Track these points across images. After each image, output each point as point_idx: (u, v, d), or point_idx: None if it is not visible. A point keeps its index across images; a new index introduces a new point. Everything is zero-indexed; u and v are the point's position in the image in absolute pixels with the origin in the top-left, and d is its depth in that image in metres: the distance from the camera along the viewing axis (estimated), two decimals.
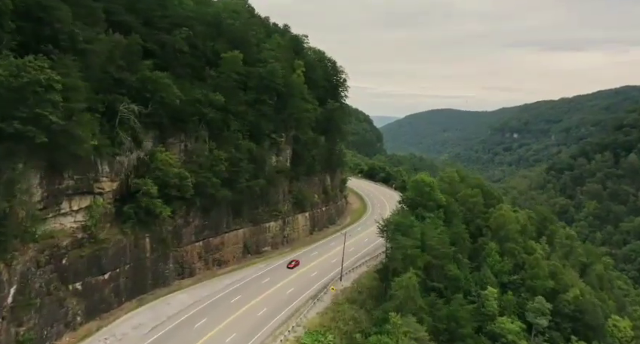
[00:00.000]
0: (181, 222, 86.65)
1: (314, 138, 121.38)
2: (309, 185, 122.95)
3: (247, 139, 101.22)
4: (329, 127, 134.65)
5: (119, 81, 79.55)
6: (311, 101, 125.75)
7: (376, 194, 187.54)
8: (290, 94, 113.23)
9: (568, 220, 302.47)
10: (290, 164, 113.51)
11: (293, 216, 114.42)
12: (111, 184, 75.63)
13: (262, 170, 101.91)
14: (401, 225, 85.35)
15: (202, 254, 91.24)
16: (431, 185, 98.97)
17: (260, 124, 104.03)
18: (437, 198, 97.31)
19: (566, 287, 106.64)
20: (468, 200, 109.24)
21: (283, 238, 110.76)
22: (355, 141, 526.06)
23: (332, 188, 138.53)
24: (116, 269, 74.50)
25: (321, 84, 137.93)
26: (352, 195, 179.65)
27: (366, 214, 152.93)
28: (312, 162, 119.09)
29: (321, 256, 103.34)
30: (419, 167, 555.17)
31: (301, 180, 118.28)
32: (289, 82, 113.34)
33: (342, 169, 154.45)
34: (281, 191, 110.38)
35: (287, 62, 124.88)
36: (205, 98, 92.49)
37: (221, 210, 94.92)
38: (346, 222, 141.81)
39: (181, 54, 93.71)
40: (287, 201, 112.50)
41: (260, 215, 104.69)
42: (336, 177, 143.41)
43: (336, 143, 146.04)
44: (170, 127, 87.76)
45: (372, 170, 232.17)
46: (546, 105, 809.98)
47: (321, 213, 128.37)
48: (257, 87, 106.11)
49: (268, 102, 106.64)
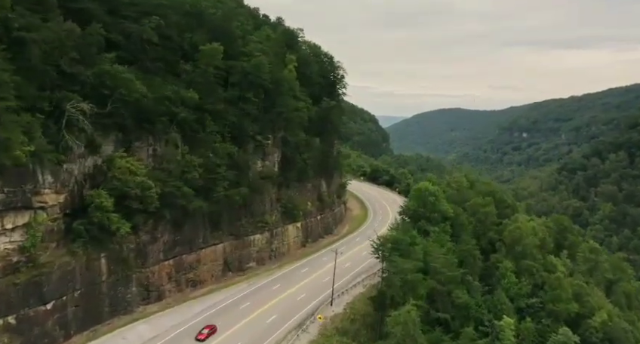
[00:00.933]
0: (146, 238, 75.11)
1: (306, 140, 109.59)
2: (301, 192, 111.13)
3: (229, 141, 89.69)
4: (324, 128, 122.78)
5: (72, 76, 68.45)
6: (303, 99, 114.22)
7: (378, 199, 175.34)
8: (279, 91, 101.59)
9: (582, 224, 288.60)
10: (279, 169, 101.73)
11: (282, 227, 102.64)
12: (56, 197, 64.15)
13: (244, 177, 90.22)
14: (400, 244, 72.95)
15: (173, 274, 79.62)
16: (435, 195, 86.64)
17: (243, 125, 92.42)
18: (443, 208, 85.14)
19: (592, 310, 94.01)
20: (478, 210, 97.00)
21: (270, 252, 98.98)
22: (361, 141, 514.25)
23: (328, 194, 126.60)
24: (62, 297, 63.08)
25: (316, 80, 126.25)
26: (353, 200, 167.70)
27: (366, 222, 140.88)
28: (304, 166, 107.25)
29: (312, 274, 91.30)
30: (426, 168, 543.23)
31: (291, 187, 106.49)
32: (278, 78, 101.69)
33: (340, 173, 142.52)
34: (267, 200, 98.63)
35: (277, 56, 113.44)
36: (176, 95, 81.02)
37: (196, 222, 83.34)
38: (344, 231, 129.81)
39: (150, 46, 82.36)
40: (275, 210, 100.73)
41: (244, 227, 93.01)
42: (333, 182, 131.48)
43: (333, 145, 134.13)
44: (135, 129, 76.39)
45: (375, 173, 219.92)
46: (555, 103, 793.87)
47: (315, 223, 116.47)
48: (240, 84, 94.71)
49: (253, 100, 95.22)
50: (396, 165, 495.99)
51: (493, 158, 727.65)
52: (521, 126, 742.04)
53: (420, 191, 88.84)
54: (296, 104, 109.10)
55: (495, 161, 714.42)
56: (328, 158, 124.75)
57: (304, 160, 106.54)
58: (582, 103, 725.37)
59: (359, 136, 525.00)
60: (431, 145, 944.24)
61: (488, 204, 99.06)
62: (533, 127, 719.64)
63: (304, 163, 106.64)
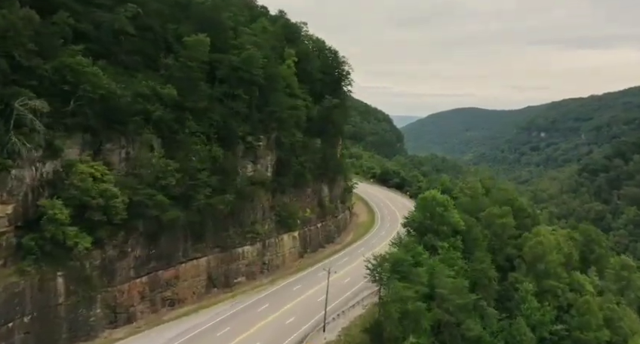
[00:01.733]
0: (114, 253, 66.32)
1: (304, 141, 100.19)
2: (299, 198, 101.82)
3: (215, 143, 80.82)
4: (326, 128, 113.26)
5: (29, 69, 60.17)
6: (303, 97, 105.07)
7: (387, 203, 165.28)
8: (273, 88, 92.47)
9: (605, 228, 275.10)
10: (273, 174, 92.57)
11: (276, 238, 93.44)
12: (3, 207, 55.80)
13: (231, 183, 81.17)
14: (401, 265, 62.73)
15: (146, 293, 70.77)
16: (445, 205, 76.21)
17: (231, 125, 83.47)
18: (453, 221, 74.81)
19: (626, 336, 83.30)
20: (495, 221, 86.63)
21: (262, 265, 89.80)
22: (374, 141, 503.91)
23: (330, 199, 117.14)
24: (8, 323, 54.54)
25: (318, 77, 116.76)
26: (360, 205, 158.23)
27: (373, 229, 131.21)
28: (301, 170, 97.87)
29: (306, 291, 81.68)
30: (441, 169, 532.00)
31: (287, 193, 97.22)
32: (272, 74, 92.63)
33: (345, 176, 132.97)
34: (259, 208, 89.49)
35: (274, 50, 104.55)
36: (152, 91, 72.37)
37: (175, 234, 74.45)
38: (348, 239, 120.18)
39: (126, 38, 73.91)
40: (268, 219, 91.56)
41: (231, 238, 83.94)
42: (336, 186, 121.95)
43: (337, 146, 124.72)
44: (105, 130, 67.86)
45: (385, 175, 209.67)
46: (574, 102, 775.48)
47: (315, 231, 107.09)
48: (229, 80, 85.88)
49: (243, 97, 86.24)
50: (410, 166, 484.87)
51: (511, 158, 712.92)
52: (540, 125, 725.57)
53: (426, 201, 78.33)
54: (294, 102, 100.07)
55: (513, 162, 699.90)
56: (330, 161, 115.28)
57: (301, 163, 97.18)
58: (602, 102, 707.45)
59: (372, 137, 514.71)
60: (447, 145, 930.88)
61: (506, 214, 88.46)
62: (551, 127, 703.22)
63: (301, 166, 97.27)
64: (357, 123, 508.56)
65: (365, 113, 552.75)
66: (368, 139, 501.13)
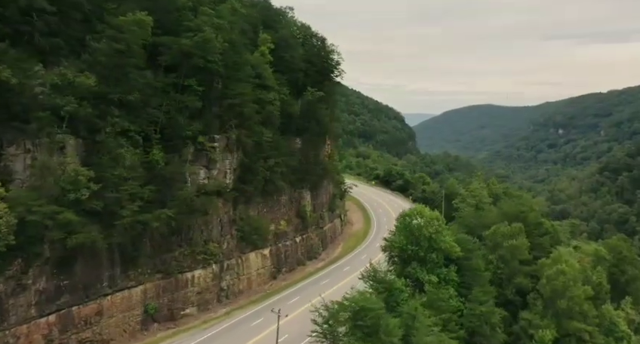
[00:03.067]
0: (6, 287, 51.37)
1: (276, 140, 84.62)
2: (270, 209, 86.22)
3: (157, 145, 65.72)
4: (307, 126, 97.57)
5: None
6: (277, 89, 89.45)
7: (387, 208, 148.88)
8: (236, 78, 77.07)
9: (628, 232, 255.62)
10: (234, 181, 77.05)
11: (238, 258, 77.95)
12: None
13: (175, 194, 65.81)
14: (365, 315, 44.57)
15: (55, 336, 55.64)
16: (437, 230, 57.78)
17: (177, 123, 68.20)
18: (445, 246, 57.39)
19: None
20: (502, 243, 69.60)
21: (219, 291, 74.33)
22: (385, 140, 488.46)
23: (314, 208, 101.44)
24: None
25: (300, 67, 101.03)
26: (356, 211, 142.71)
27: (366, 240, 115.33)
28: (272, 176, 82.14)
29: (268, 326, 65.64)
30: (454, 167, 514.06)
31: (254, 203, 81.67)
32: (235, 61, 77.27)
33: (334, 181, 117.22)
34: (215, 223, 74.03)
35: (245, 35, 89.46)
36: (63, 81, 57.44)
37: (96, 260, 59.32)
38: (336, 253, 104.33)
39: (41, 17, 59.06)
40: (227, 235, 76.07)
41: (178, 261, 68.62)
42: (322, 193, 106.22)
43: (323, 147, 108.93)
44: (6, 130, 53.46)
45: (389, 176, 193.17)
46: (593, 98, 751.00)
47: (292, 247, 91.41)
48: (180, 67, 70.86)
49: (195, 88, 71.08)
50: (421, 165, 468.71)
51: (527, 155, 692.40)
52: (557, 122, 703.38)
53: (408, 222, 60.49)
54: (266, 94, 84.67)
55: (529, 159, 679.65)
56: (314, 164, 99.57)
57: (271, 167, 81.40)
58: (622, 98, 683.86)
59: (383, 135, 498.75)
60: (461, 143, 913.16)
61: (517, 233, 71.79)
62: (569, 123, 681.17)
63: (271, 171, 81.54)
64: (366, 121, 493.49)
65: (376, 111, 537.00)
66: (378, 137, 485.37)
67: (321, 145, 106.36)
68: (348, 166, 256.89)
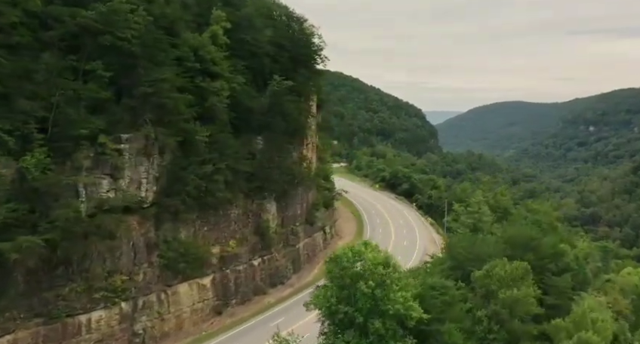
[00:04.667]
0: None
1: (219, 141, 66.94)
2: (214, 227, 68.38)
3: (38, 149, 48.85)
4: (272, 121, 79.73)
5: None
6: (228, 76, 72.02)
7: (385, 218, 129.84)
8: (157, 61, 59.84)
9: None
10: (158, 193, 59.69)
11: (161, 292, 60.46)
12: None
13: (57, 212, 48.72)
14: None
15: None
16: (384, 275, 36.48)
17: (68, 118, 51.21)
18: (397, 308, 36.07)
19: None
20: (498, 291, 48.58)
21: (132, 337, 56.87)
22: (404, 138, 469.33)
23: (283, 223, 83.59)
24: None
25: (266, 51, 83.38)
26: (350, 221, 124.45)
27: None
28: (209, 186, 64.29)
29: None
30: (477, 167, 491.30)
31: (187, 221, 64.05)
32: (157, 39, 60.05)
33: (316, 188, 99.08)
34: (127, 248, 56.67)
35: (187, 10, 72.62)
36: None
37: None
38: (308, 278, 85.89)
39: None
40: (145, 263, 58.69)
41: (67, 300, 51.36)
42: (294, 204, 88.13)
43: (297, 148, 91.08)
44: None
45: (395, 179, 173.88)
46: (625, 93, 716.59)
47: (246, 273, 73.37)
48: (81, 47, 54.23)
49: (102, 74, 54.21)
50: (442, 164, 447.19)
51: (556, 154, 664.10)
52: (588, 119, 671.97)
53: (341, 264, 39.75)
54: (210, 83, 67.48)
55: (558, 158, 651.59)
56: (279, 168, 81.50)
57: (208, 174, 63.61)
58: None
59: (402, 133, 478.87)
60: (487, 141, 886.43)
61: (521, 276, 48.67)
62: (601, 120, 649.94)
63: (209, 179, 63.73)
64: (385, 118, 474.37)
65: (395, 108, 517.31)
66: (397, 135, 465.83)
67: (292, 145, 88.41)
68: (357, 166, 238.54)
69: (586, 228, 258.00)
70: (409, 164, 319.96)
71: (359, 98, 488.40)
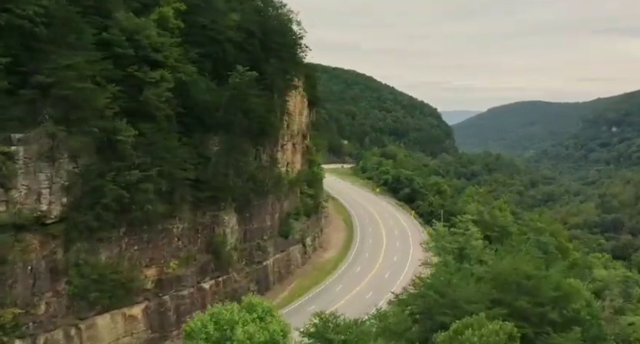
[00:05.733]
0: None
1: (153, 142, 55.60)
2: (148, 246, 56.97)
3: None
4: (232, 118, 68.31)
5: None
6: (173, 65, 60.88)
7: (380, 228, 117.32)
8: (68, 45, 48.79)
9: None
10: (67, 206, 48.57)
11: (73, 326, 49.42)
12: None
13: None
14: None
15: None
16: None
17: None
18: None
19: None
20: None
21: None
22: (418, 138, 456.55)
23: (246, 237, 72.05)
24: None
25: (229, 37, 72.06)
26: (341, 231, 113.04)
27: (332, 275, 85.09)
28: (134, 196, 52.84)
29: None
30: (494, 168, 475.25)
31: (111, 239, 52.87)
32: (67, 18, 48.96)
33: (289, 196, 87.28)
34: (23, 275, 45.62)
35: None
36: None
37: None
38: (277, 300, 74.12)
39: None
40: (48, 292, 47.61)
41: None
42: (260, 215, 76.31)
43: (267, 149, 79.50)
44: None
45: (397, 182, 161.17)
46: None
47: (193, 298, 61.96)
48: None
49: None
50: (457, 165, 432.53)
51: (577, 155, 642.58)
52: (610, 119, 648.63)
53: None
54: (148, 72, 56.32)
55: (578, 159, 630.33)
56: (240, 174, 69.96)
57: (133, 183, 52.25)
58: None
59: (416, 133, 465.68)
60: (507, 141, 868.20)
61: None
62: (624, 120, 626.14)
63: (135, 189, 52.35)
64: (398, 118, 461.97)
65: (410, 107, 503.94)
66: (411, 135, 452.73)
67: (262, 147, 76.96)
68: (363, 168, 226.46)
69: (607, 235, 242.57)
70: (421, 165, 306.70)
71: (372, 97, 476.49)
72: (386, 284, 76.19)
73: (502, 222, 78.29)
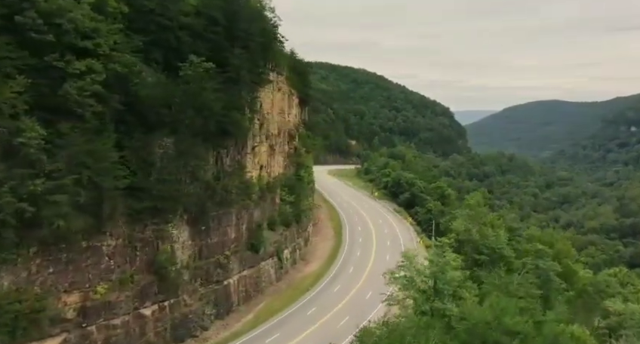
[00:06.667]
0: None
1: (70, 143, 46.45)
2: (67, 268, 47.69)
3: None
4: (184, 117, 59.09)
5: None
6: (107, 54, 51.78)
7: (372, 238, 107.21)
8: None
9: None
10: None
11: None
12: None
13: None
14: None
15: None
16: None
17: None
18: None
19: None
20: None
21: None
22: (430, 138, 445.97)
23: (201, 254, 62.72)
24: None
25: (184, 24, 63.01)
26: (330, 239, 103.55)
27: (310, 292, 75.59)
28: (42, 211, 43.71)
29: None
30: (507, 169, 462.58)
31: (19, 262, 43.81)
32: None
33: (260, 205, 77.60)
34: None
35: None
36: None
37: None
38: (236, 326, 63.83)
39: None
40: None
41: None
42: (220, 227, 66.81)
43: (235, 153, 70.13)
44: None
45: (397, 186, 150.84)
46: None
47: (128, 328, 52.50)
48: None
49: None
50: (469, 166, 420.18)
51: (595, 156, 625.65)
52: (630, 119, 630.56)
53: None
54: (73, 62, 47.33)
55: (596, 160, 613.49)
56: (193, 181, 60.63)
57: (40, 194, 43.12)
58: None
59: (427, 133, 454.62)
60: (522, 141, 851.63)
61: None
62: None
63: (41, 200, 43.20)
64: (409, 117, 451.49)
65: (421, 107, 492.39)
66: (422, 135, 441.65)
67: (225, 149, 67.64)
68: (366, 169, 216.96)
69: (625, 241, 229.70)
70: (430, 166, 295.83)
71: (382, 96, 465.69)
72: (367, 306, 66.41)
73: (493, 242, 66.78)
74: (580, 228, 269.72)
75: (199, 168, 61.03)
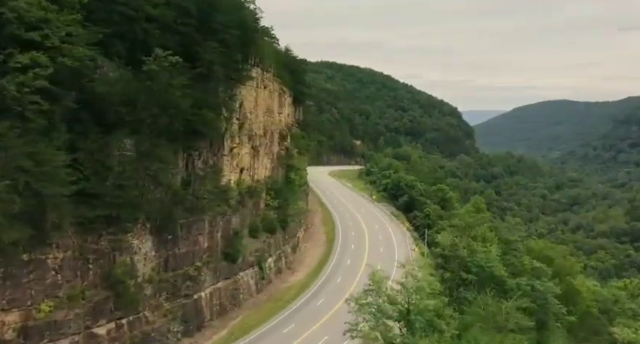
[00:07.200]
0: None
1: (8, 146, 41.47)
2: (4, 284, 42.99)
3: None
4: (146, 116, 53.95)
5: None
6: (56, 46, 46.91)
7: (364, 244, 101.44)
8: None
9: None
10: None
11: None
12: None
13: None
14: None
15: None
16: None
17: None
18: None
19: None
20: None
21: None
22: (436, 138, 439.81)
23: (167, 265, 57.54)
24: None
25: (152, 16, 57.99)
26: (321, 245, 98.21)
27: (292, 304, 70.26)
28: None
29: None
30: (515, 170, 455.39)
31: None
32: None
33: (238, 211, 72.28)
34: None
35: None
36: None
37: None
38: (221, 333, 59.48)
39: None
40: None
41: None
42: (189, 237, 61.33)
43: (209, 155, 64.90)
44: None
45: (396, 188, 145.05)
46: None
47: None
48: None
49: None
50: (476, 167, 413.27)
51: (606, 156, 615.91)
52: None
53: None
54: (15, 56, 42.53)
55: (607, 160, 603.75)
56: (156, 186, 55.47)
57: None
58: None
59: (434, 133, 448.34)
60: (532, 141, 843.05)
61: None
62: None
63: None
64: (415, 117, 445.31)
65: (428, 106, 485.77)
66: (428, 135, 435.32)
67: (197, 151, 62.41)
68: (368, 171, 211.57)
69: (636, 245, 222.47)
70: (436, 166, 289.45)
71: (388, 96, 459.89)
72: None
73: (483, 260, 59.29)
74: (590, 231, 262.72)
75: (163, 172, 55.75)
